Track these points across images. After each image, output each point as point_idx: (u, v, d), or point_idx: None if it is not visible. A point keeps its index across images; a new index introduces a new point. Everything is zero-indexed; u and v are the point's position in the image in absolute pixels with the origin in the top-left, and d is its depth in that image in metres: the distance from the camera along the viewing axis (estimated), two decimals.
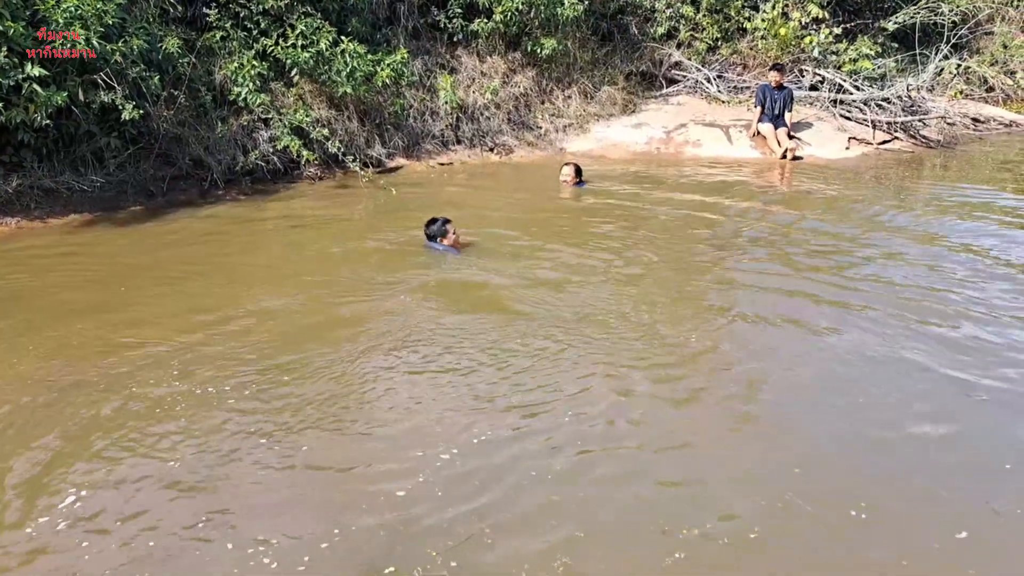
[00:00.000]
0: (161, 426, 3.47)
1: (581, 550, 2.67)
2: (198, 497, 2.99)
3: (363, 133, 9.31)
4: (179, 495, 3.01)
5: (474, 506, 2.88)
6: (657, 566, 2.61)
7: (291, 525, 2.81)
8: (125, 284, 5.32)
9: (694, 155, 10.65)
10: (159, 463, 3.19)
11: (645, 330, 4.47)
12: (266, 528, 2.79)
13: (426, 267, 5.68)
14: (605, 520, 2.84)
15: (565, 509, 2.88)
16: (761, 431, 3.45)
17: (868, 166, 10.05)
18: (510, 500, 2.93)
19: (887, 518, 2.86)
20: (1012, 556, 2.67)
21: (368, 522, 2.80)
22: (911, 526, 2.83)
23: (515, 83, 10.87)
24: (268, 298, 5.02)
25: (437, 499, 2.93)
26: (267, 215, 7.32)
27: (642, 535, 2.76)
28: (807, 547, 2.71)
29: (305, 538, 2.73)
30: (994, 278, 5.37)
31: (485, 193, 8.45)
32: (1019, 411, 3.60)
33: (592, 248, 6.11)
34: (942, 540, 2.74)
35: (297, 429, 3.44)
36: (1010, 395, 3.73)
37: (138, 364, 4.05)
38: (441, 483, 3.03)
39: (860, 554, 2.68)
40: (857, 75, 12.09)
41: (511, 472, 3.10)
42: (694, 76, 12.37)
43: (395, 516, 2.83)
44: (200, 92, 8.16)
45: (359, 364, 4.05)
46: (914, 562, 2.63)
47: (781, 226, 6.95)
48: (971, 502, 2.95)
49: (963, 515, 2.88)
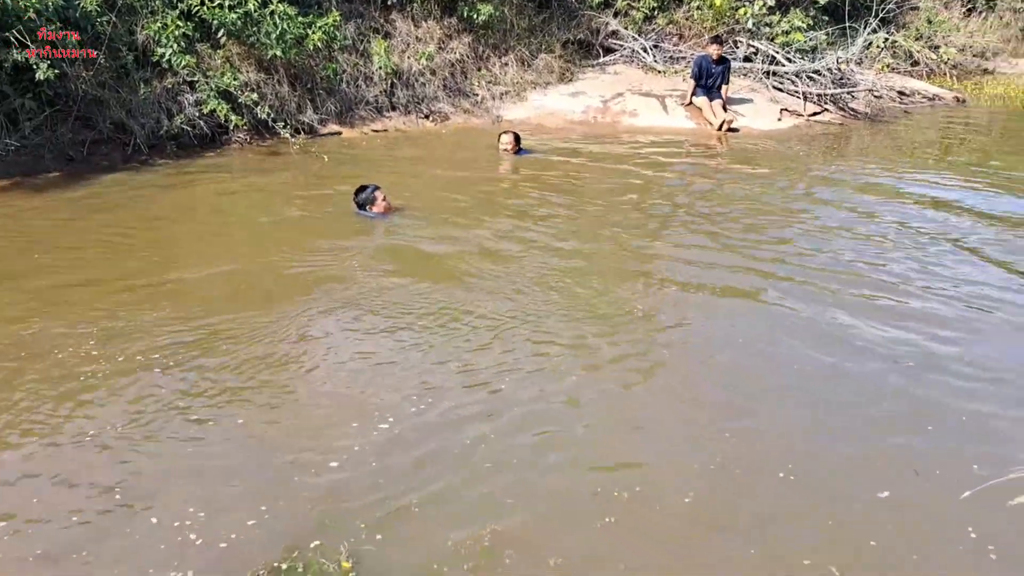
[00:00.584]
0: (82, 396, 3.33)
1: (511, 517, 2.67)
2: (121, 469, 2.89)
3: (294, 98, 9.05)
4: (102, 466, 2.90)
5: (407, 477, 2.85)
6: (588, 529, 2.62)
7: (219, 499, 2.74)
8: (41, 251, 5.09)
9: (630, 125, 10.69)
10: (80, 435, 3.07)
11: (582, 300, 4.48)
12: (194, 501, 2.72)
13: (357, 234, 5.58)
14: (537, 488, 2.85)
15: (498, 478, 2.87)
16: (693, 398, 3.49)
17: (799, 137, 10.25)
18: (443, 471, 2.91)
19: (813, 480, 2.94)
20: (927, 513, 2.77)
21: (299, 495, 2.75)
22: (837, 486, 2.91)
23: (451, 49, 10.70)
24: (194, 266, 4.86)
25: (371, 471, 2.89)
26: (193, 181, 7.06)
27: (574, 500, 2.77)
28: (737, 510, 2.76)
29: (233, 513, 2.66)
30: (917, 247, 5.56)
31: (420, 161, 8.32)
32: (943, 374, 3.72)
33: (528, 217, 6.09)
34: (865, 499, 2.83)
35: (228, 399, 3.35)
36: (935, 358, 3.85)
37: (56, 332, 3.88)
38: (376, 454, 2.99)
39: (787, 514, 2.74)
40: (789, 47, 12.28)
41: (447, 442, 3.08)
42: (631, 45, 12.38)
43: (327, 488, 2.78)
44: (121, 52, 7.79)
45: (293, 333, 3.96)
46: (838, 521, 2.71)
47: (717, 196, 7.04)
48: (895, 463, 3.04)
49: (886, 475, 2.97)
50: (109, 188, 6.66)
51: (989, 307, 4.49)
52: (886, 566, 2.50)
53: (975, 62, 18.68)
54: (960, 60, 17.39)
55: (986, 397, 3.52)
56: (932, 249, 5.50)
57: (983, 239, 5.77)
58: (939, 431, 3.26)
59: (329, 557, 2.41)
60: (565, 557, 2.49)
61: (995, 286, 4.82)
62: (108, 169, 7.27)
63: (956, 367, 3.78)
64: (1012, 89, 15.82)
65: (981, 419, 3.34)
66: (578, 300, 4.43)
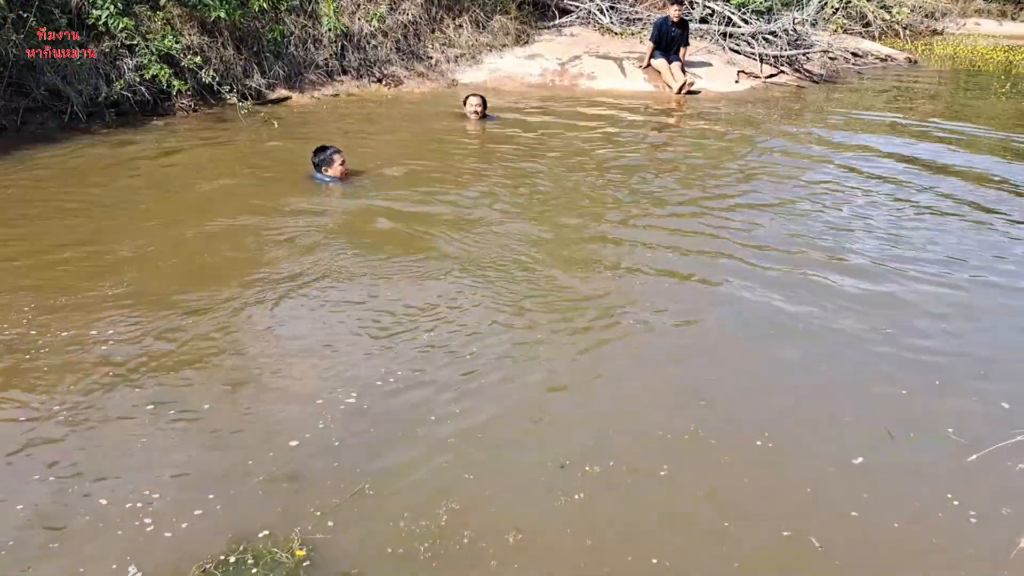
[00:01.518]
0: (19, 376, 3.16)
1: (470, 494, 2.59)
2: (72, 450, 2.76)
3: (240, 62, 8.72)
4: (51, 447, 2.77)
5: (365, 459, 2.75)
6: (551, 508, 2.56)
7: (174, 481, 2.61)
8: None
9: (589, 88, 10.55)
10: (29, 412, 2.91)
11: (545, 271, 4.38)
12: (150, 485, 2.59)
13: (313, 202, 5.41)
14: (500, 463, 2.77)
15: (459, 455, 2.79)
16: (665, 370, 3.44)
17: (757, 99, 10.23)
18: (406, 449, 2.81)
19: (790, 446, 2.91)
20: (901, 477, 2.76)
21: (254, 479, 2.63)
22: (813, 452, 2.89)
23: (403, 11, 10.40)
24: (137, 239, 4.65)
25: (331, 451, 2.78)
26: (134, 150, 6.76)
27: (539, 477, 2.70)
28: (712, 479, 2.72)
29: (186, 498, 2.53)
30: (881, 208, 5.58)
31: (374, 125, 8.11)
32: (917, 337, 3.72)
33: (491, 184, 5.95)
34: (839, 465, 2.81)
35: (186, 377, 3.21)
36: (908, 331, 3.84)
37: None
38: (338, 433, 2.88)
39: (763, 483, 2.71)
40: (745, 8, 12.21)
41: (411, 421, 2.98)
42: (587, 6, 12.19)
43: (284, 471, 2.67)
44: (54, 15, 7.38)
45: (249, 306, 3.81)
46: (815, 487, 2.68)
47: (681, 164, 6.99)
48: (870, 428, 3.03)
49: (861, 441, 2.95)
50: (44, 158, 6.34)
51: (961, 270, 4.50)
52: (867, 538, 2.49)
53: (925, 23, 18.87)
54: (910, 21, 17.53)
55: (959, 362, 3.52)
56: (895, 209, 5.52)
57: (946, 196, 5.81)
58: (915, 396, 3.25)
59: (282, 546, 2.31)
60: (525, 533, 2.42)
61: (965, 248, 4.86)
62: (44, 138, 6.93)
63: (931, 331, 3.78)
64: (961, 49, 16.02)
65: (956, 384, 3.34)
66: (542, 276, 4.32)
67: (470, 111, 8.16)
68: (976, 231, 5.17)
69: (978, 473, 2.76)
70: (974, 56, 15.19)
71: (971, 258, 4.70)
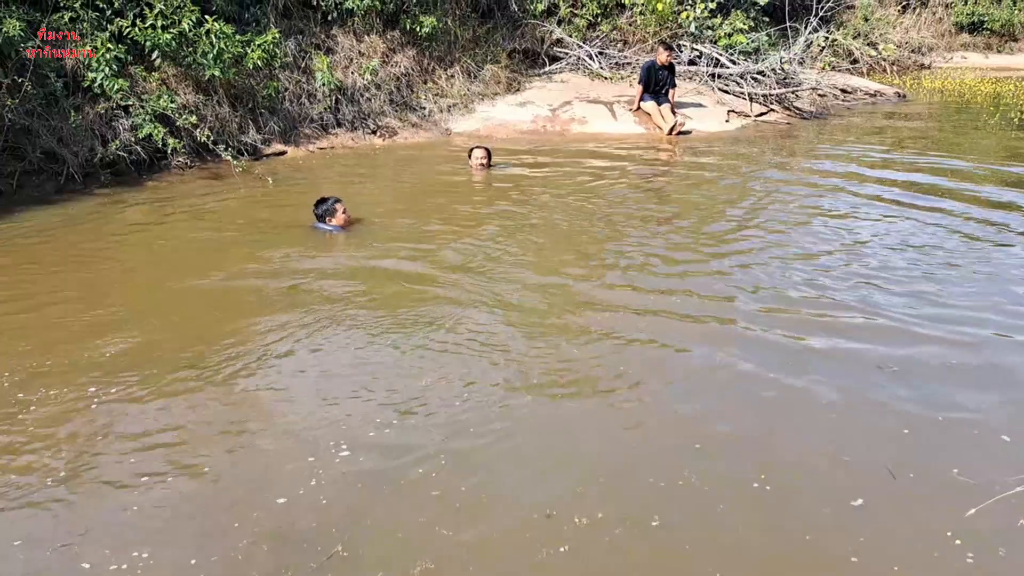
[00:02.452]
0: (13, 435, 3.11)
1: (452, 551, 2.53)
2: (60, 511, 2.72)
3: (235, 119, 8.82)
4: (40, 510, 2.73)
5: (350, 516, 2.70)
6: (538, 559, 2.49)
7: (156, 541, 2.56)
8: None
9: (580, 132, 10.65)
10: (18, 477, 2.86)
11: (544, 320, 4.35)
12: (138, 545, 2.53)
13: (313, 251, 5.44)
14: (487, 514, 2.71)
15: (448, 507, 2.73)
16: (657, 417, 3.39)
17: (748, 137, 10.31)
18: (388, 506, 2.76)
19: (787, 489, 2.85)
20: (902, 519, 2.69)
21: (239, 541, 2.57)
22: (811, 495, 2.82)
23: (395, 63, 10.56)
24: (134, 297, 4.65)
25: (319, 508, 2.73)
26: (131, 210, 6.80)
27: (526, 527, 2.64)
28: (708, 526, 2.66)
29: (168, 560, 2.48)
30: (879, 246, 5.57)
31: (370, 175, 8.16)
32: (917, 377, 3.67)
33: (487, 233, 5.92)
34: (837, 508, 2.74)
35: (180, 437, 3.16)
36: (908, 363, 3.78)
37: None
38: (328, 491, 2.83)
39: (760, 527, 2.65)
40: (732, 49, 12.38)
41: (398, 475, 2.93)
42: (576, 53, 12.37)
43: (268, 530, 2.62)
44: (49, 79, 7.50)
45: (246, 361, 3.77)
46: (814, 537, 2.62)
47: (677, 202, 7.00)
48: (870, 467, 2.97)
49: (861, 481, 2.89)
50: (40, 221, 6.37)
51: (968, 310, 4.43)
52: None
53: (912, 58, 19.12)
54: (897, 56, 17.77)
55: (966, 402, 3.46)
56: (896, 247, 5.50)
57: (949, 231, 5.80)
58: (916, 435, 3.20)
59: None
60: None
61: (973, 291, 4.79)
62: (39, 201, 6.97)
63: (939, 371, 3.73)
64: (949, 83, 16.19)
65: (962, 424, 3.28)
66: (540, 320, 4.30)
67: (475, 164, 8.11)
68: (979, 265, 5.14)
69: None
70: (962, 88, 15.36)
71: (988, 303, 4.61)
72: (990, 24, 21.58)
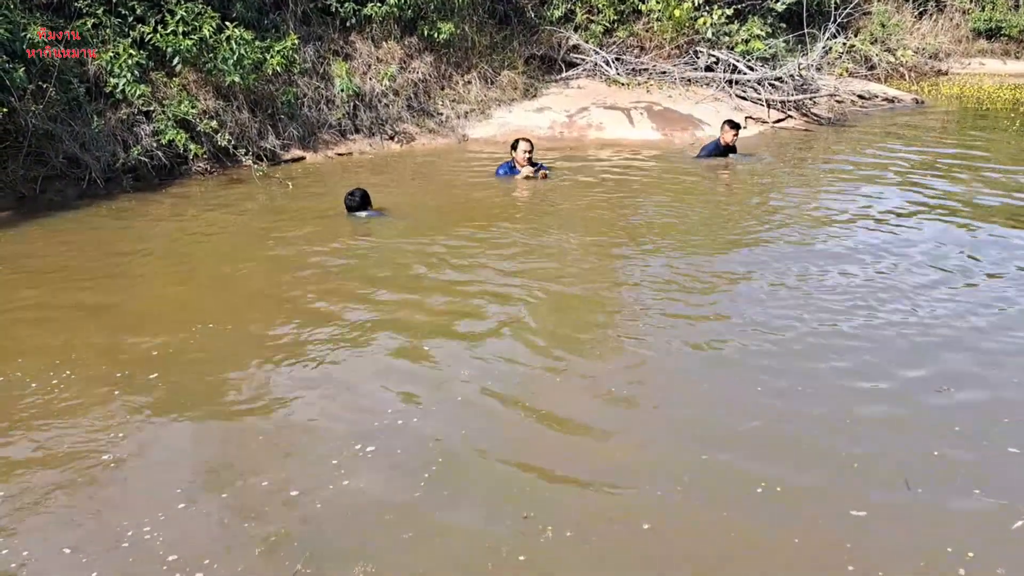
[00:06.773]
0: (51, 440, 3.12)
1: (451, 556, 2.51)
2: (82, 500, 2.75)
3: (255, 124, 8.85)
4: (69, 495, 2.76)
5: (343, 536, 2.66)
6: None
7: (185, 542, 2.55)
8: None
9: (597, 138, 10.64)
10: (20, 489, 2.86)
11: (563, 325, 4.33)
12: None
13: (337, 249, 5.61)
14: (492, 512, 2.70)
15: (459, 505, 2.72)
16: (664, 418, 3.36)
17: (766, 144, 10.26)
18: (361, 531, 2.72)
19: (791, 495, 2.80)
20: (909, 531, 2.64)
21: (259, 531, 2.57)
22: (815, 502, 2.77)
23: (413, 69, 10.58)
24: (154, 306, 4.66)
25: (307, 536, 2.70)
26: (152, 215, 6.82)
27: (524, 534, 2.60)
28: (707, 530, 2.63)
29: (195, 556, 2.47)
30: (896, 256, 5.51)
31: (387, 184, 8.17)
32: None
33: (505, 229, 5.93)
34: (840, 516, 2.68)
35: (191, 464, 3.16)
36: (924, 373, 3.75)
37: (13, 378, 3.67)
38: (324, 512, 2.79)
39: (761, 536, 2.60)
40: (750, 55, 12.35)
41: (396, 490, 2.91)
42: (592, 59, 12.37)
43: (282, 528, 2.61)
44: (72, 84, 7.55)
45: (276, 371, 3.78)
46: (820, 539, 2.57)
47: (695, 213, 6.97)
48: (881, 475, 2.91)
49: (866, 490, 2.83)
50: (62, 226, 6.40)
51: (975, 320, 4.37)
52: None
53: (930, 63, 19.02)
54: (915, 62, 17.67)
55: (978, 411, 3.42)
56: (920, 265, 5.44)
57: (965, 248, 5.74)
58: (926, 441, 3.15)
59: None
60: None
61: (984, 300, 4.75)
62: (62, 206, 7.01)
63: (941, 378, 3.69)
64: (967, 89, 16.10)
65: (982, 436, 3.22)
66: (559, 325, 4.28)
67: (522, 156, 7.82)
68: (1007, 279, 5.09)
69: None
70: (980, 95, 15.26)
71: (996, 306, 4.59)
72: (1007, 30, 21.44)
